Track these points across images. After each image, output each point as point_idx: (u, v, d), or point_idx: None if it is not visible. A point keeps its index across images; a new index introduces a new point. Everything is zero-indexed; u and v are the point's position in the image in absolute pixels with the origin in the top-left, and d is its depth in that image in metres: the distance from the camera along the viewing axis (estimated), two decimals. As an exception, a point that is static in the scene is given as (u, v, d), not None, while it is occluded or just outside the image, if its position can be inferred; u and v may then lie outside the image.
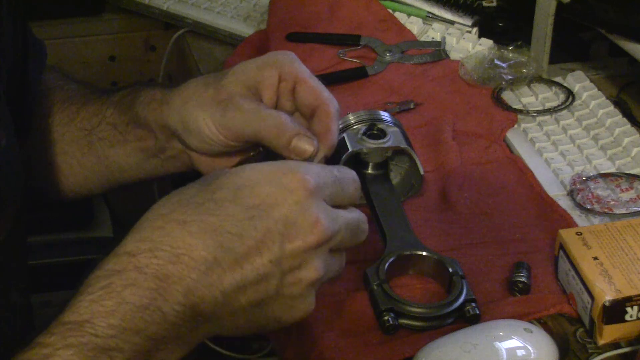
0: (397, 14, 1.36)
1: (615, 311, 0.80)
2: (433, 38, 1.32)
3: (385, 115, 0.96)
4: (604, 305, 0.80)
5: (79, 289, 0.64)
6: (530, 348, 0.78)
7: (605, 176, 1.02)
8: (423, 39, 1.32)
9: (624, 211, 0.97)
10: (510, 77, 1.20)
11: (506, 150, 1.09)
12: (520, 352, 0.78)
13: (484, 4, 1.39)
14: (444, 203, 1.00)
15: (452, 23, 1.35)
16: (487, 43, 1.29)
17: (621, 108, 1.17)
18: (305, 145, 0.78)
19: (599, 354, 0.82)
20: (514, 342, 0.78)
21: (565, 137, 1.11)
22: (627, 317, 0.80)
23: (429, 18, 1.36)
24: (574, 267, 0.84)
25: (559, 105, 1.16)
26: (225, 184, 0.68)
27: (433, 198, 1.01)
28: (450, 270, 0.85)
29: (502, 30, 1.37)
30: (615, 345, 0.82)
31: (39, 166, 0.93)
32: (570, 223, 0.96)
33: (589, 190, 0.99)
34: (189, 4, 1.47)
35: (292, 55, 0.85)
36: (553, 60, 1.25)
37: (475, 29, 1.34)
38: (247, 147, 0.85)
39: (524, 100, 1.18)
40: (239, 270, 0.65)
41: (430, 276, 0.88)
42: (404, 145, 0.93)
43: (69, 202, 0.98)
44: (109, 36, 1.63)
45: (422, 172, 0.94)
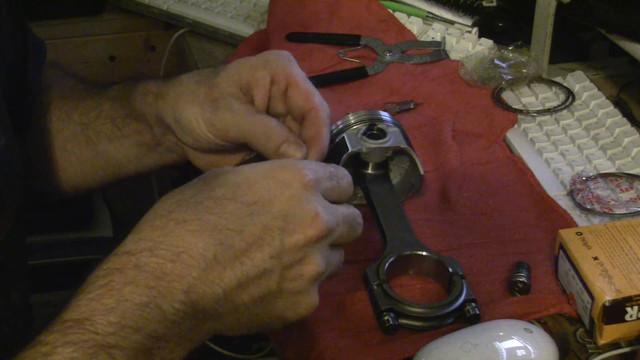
0: (397, 14, 1.36)
1: (615, 311, 0.80)
2: (433, 38, 1.32)
3: (385, 115, 0.96)
4: (604, 305, 0.80)
5: (79, 288, 0.64)
6: (530, 348, 0.78)
7: (605, 176, 1.02)
8: (423, 39, 1.32)
9: (624, 211, 0.97)
10: (510, 77, 1.20)
11: (506, 150, 1.09)
12: (520, 352, 0.78)
13: (484, 4, 1.39)
14: (444, 203, 1.00)
15: (452, 23, 1.35)
16: (487, 43, 1.29)
17: (621, 108, 1.17)
18: (293, 152, 0.80)
19: (599, 354, 0.82)
20: (514, 342, 0.78)
21: (565, 137, 1.11)
22: (627, 317, 0.80)
23: (429, 18, 1.36)
24: (574, 267, 0.84)
25: (559, 105, 1.16)
26: (223, 182, 0.68)
27: (433, 198, 1.01)
28: (450, 270, 0.85)
29: (502, 30, 1.37)
30: (615, 345, 0.82)
31: (38, 164, 0.94)
32: (570, 223, 0.96)
33: (589, 190, 0.99)
34: (189, 4, 1.47)
35: (287, 56, 0.85)
36: (553, 60, 1.25)
37: (475, 29, 1.34)
38: (238, 148, 0.85)
39: (524, 100, 1.18)
40: (239, 266, 0.65)
41: (430, 276, 0.88)
42: (404, 145, 0.93)
43: (68, 199, 0.98)
44: (109, 36, 1.63)
45: (422, 172, 0.94)
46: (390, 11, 1.36)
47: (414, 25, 1.34)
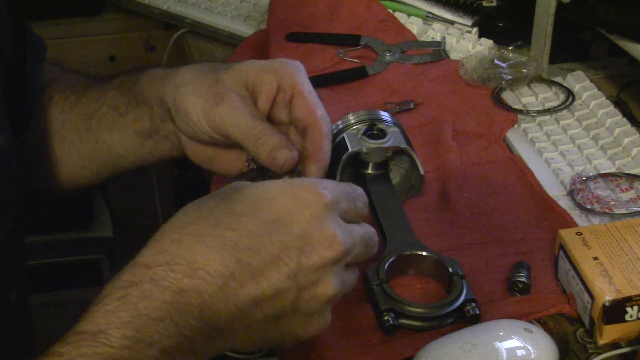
0: (397, 14, 1.36)
1: (615, 311, 0.80)
2: (433, 38, 1.32)
3: (385, 115, 0.96)
4: (604, 305, 0.80)
5: (95, 298, 0.64)
6: (530, 348, 0.78)
7: (605, 176, 1.02)
8: (423, 39, 1.32)
9: (624, 211, 0.97)
10: (510, 77, 1.20)
11: (506, 150, 1.09)
12: (520, 352, 0.78)
13: (484, 4, 1.39)
14: (444, 203, 1.00)
15: (452, 23, 1.35)
16: (487, 43, 1.29)
17: (621, 108, 1.16)
18: (284, 157, 0.80)
19: (599, 354, 0.82)
20: (514, 342, 0.78)
21: (565, 137, 1.10)
22: (627, 317, 0.80)
23: (429, 18, 1.36)
24: (574, 267, 0.84)
25: (559, 105, 1.16)
26: (243, 198, 0.68)
27: (433, 198, 1.01)
28: (450, 270, 0.85)
29: (502, 30, 1.37)
30: (615, 345, 0.82)
31: (38, 161, 0.94)
32: (570, 223, 0.96)
33: (589, 190, 0.99)
34: (189, 4, 1.47)
35: (297, 66, 0.86)
36: (553, 60, 1.25)
37: (475, 29, 1.34)
38: (232, 145, 0.85)
39: (524, 100, 1.18)
40: (255, 285, 0.65)
41: (430, 276, 0.88)
42: (404, 145, 0.93)
43: (68, 196, 0.98)
44: (109, 36, 1.63)
45: (422, 172, 0.94)
46: (390, 11, 1.36)
47: (414, 25, 1.34)
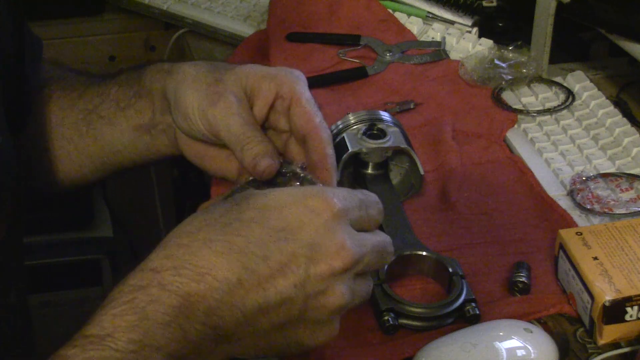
0: (397, 14, 1.36)
1: (615, 311, 0.80)
2: (433, 38, 1.32)
3: (385, 115, 0.96)
4: (604, 305, 0.80)
5: (102, 302, 0.64)
6: (530, 348, 0.78)
7: (605, 176, 1.02)
8: (423, 39, 1.32)
9: (624, 211, 0.97)
10: (510, 77, 1.20)
11: (506, 150, 1.09)
12: (520, 352, 0.78)
13: (484, 4, 1.39)
14: (444, 203, 1.00)
15: (452, 23, 1.35)
16: (487, 43, 1.29)
17: (621, 108, 1.16)
18: (264, 165, 0.81)
19: (599, 354, 0.82)
20: (514, 342, 0.78)
21: (565, 137, 1.10)
22: (627, 317, 0.80)
23: (429, 18, 1.36)
24: (574, 267, 0.84)
25: (559, 105, 1.16)
26: (253, 205, 0.68)
27: (433, 198, 1.01)
28: (450, 270, 0.85)
29: (502, 30, 1.37)
30: (615, 345, 0.82)
31: (37, 160, 0.94)
32: (570, 223, 0.96)
33: (589, 190, 0.99)
34: (189, 4, 1.47)
35: (298, 75, 0.86)
36: (553, 60, 1.25)
37: (475, 29, 1.34)
38: (225, 145, 0.85)
39: (524, 100, 1.18)
40: (262, 292, 0.65)
41: (430, 276, 0.88)
42: (404, 145, 0.93)
43: (65, 193, 0.98)
44: (109, 36, 1.63)
45: (422, 172, 0.94)
46: (390, 11, 1.36)
47: (414, 25, 1.34)
